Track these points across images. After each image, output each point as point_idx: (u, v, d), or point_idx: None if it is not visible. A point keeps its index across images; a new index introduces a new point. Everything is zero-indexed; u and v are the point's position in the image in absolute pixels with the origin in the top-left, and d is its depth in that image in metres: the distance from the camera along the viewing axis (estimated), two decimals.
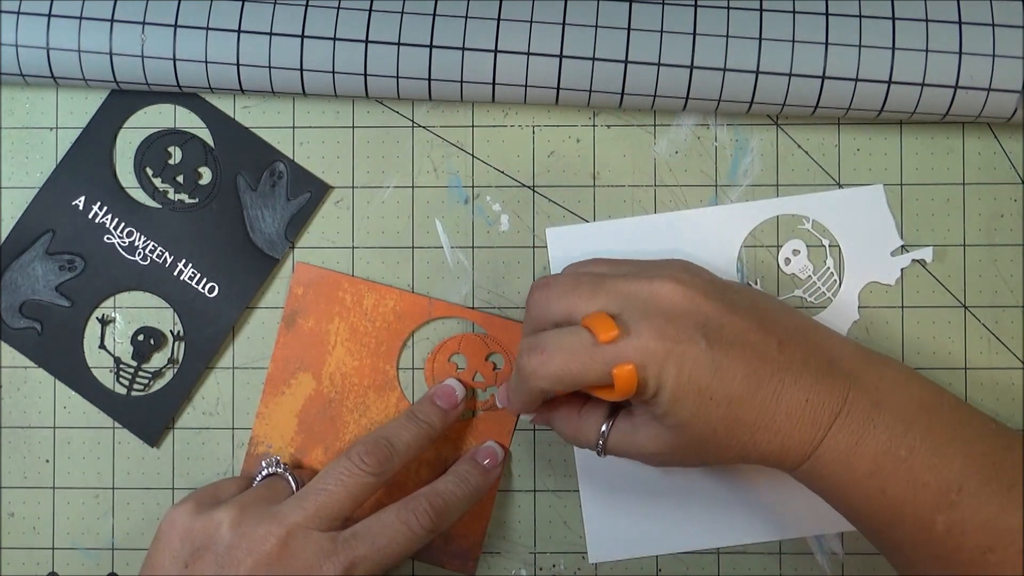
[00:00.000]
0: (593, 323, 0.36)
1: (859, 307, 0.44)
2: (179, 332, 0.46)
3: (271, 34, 0.41)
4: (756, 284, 0.45)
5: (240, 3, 0.42)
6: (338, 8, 0.41)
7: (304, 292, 0.45)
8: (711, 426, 0.36)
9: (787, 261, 0.45)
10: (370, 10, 0.41)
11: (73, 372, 0.46)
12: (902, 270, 0.44)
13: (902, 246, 0.44)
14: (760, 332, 0.37)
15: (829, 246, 0.44)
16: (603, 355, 0.35)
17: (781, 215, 0.45)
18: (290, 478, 0.42)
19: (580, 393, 0.39)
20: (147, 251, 0.45)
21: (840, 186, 0.45)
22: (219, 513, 0.39)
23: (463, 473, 0.42)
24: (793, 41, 0.40)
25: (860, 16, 0.40)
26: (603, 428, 0.39)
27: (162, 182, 0.46)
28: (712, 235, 0.44)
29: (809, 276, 0.45)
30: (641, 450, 0.39)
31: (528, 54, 0.41)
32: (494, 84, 0.42)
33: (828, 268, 0.44)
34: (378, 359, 0.45)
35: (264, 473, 0.43)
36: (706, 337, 0.36)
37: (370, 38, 0.41)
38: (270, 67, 0.42)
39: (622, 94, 0.42)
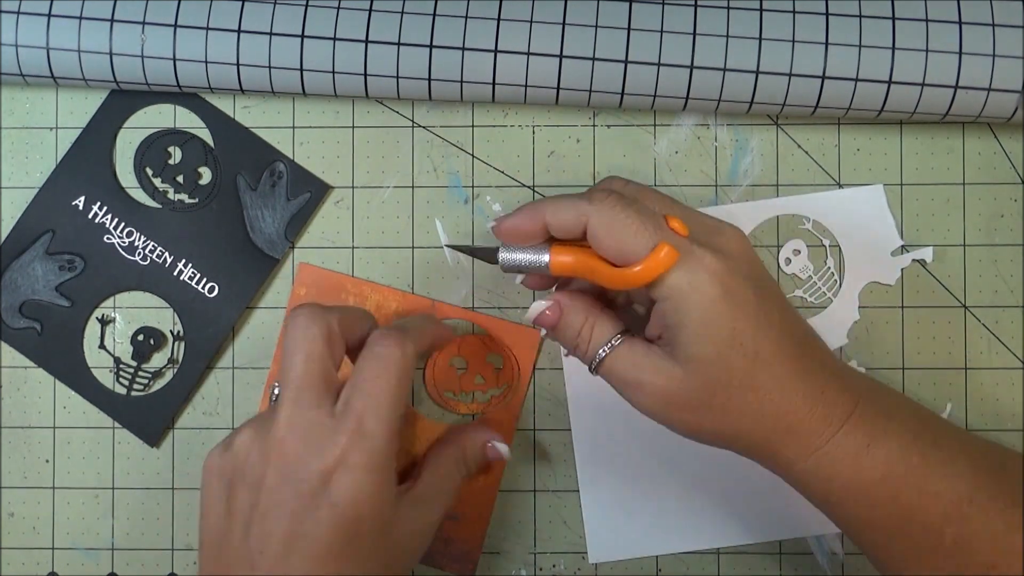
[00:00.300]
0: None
1: (859, 307, 0.44)
2: (179, 332, 0.46)
3: (271, 34, 0.41)
4: None
5: (240, 3, 0.42)
6: (338, 8, 0.41)
7: (307, 293, 0.45)
8: (727, 376, 0.35)
9: (787, 261, 0.45)
10: (370, 10, 0.41)
11: (73, 372, 0.46)
12: (902, 270, 0.44)
13: (902, 246, 0.44)
14: (792, 312, 0.38)
15: (829, 246, 0.44)
16: (659, 227, 0.35)
17: (781, 215, 0.45)
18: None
19: (599, 299, 0.39)
20: (147, 251, 0.45)
21: (840, 186, 0.45)
22: (236, 440, 0.38)
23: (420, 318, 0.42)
24: (793, 41, 0.40)
25: (860, 16, 0.40)
26: (614, 339, 0.37)
27: (162, 182, 0.46)
28: None
29: (810, 276, 0.45)
30: (640, 378, 0.37)
31: (528, 54, 0.41)
32: (494, 84, 0.42)
33: (828, 268, 0.44)
34: None
35: (276, 392, 0.41)
36: (755, 288, 0.36)
37: (370, 38, 0.41)
38: (270, 67, 0.42)
39: (622, 94, 0.42)
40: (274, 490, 0.36)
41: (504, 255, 0.38)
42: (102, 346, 0.46)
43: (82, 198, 0.46)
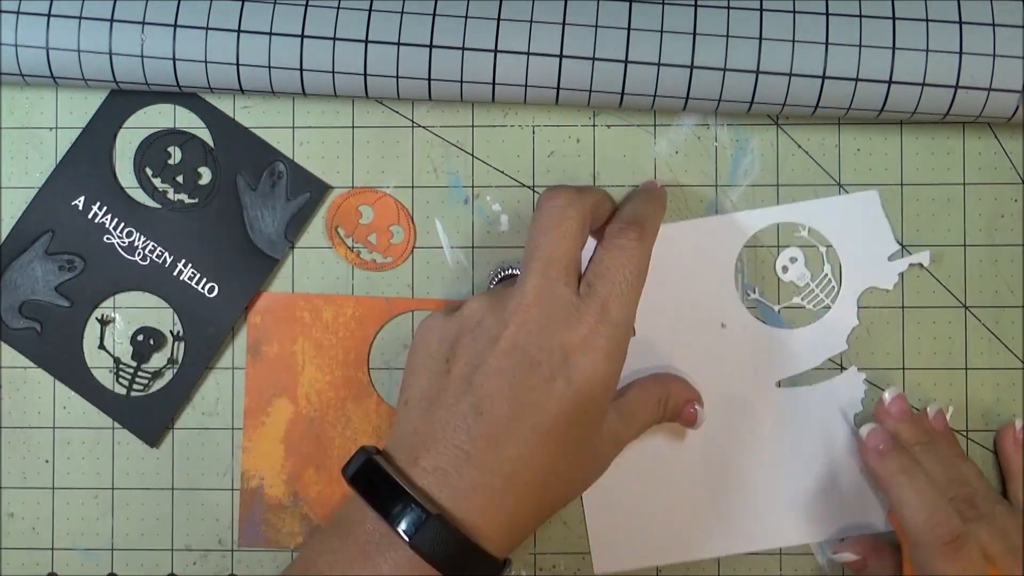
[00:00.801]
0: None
1: (858, 311, 0.44)
2: (179, 332, 0.46)
3: (271, 34, 0.41)
4: (755, 293, 0.44)
5: (240, 3, 0.42)
6: (338, 8, 0.41)
7: (262, 320, 0.45)
8: None
9: (784, 269, 0.45)
10: (370, 10, 0.41)
11: (73, 372, 0.46)
12: (900, 274, 0.44)
13: (899, 250, 0.44)
14: None
15: (826, 252, 0.44)
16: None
17: (777, 223, 0.45)
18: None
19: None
20: (147, 251, 0.45)
21: (840, 186, 0.45)
22: (468, 305, 0.38)
23: (642, 194, 0.42)
24: (793, 41, 0.40)
25: (860, 16, 0.40)
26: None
27: (162, 182, 0.46)
28: (710, 245, 0.44)
29: (807, 283, 0.44)
30: None
31: (528, 54, 0.41)
32: (494, 84, 0.42)
33: (826, 275, 0.44)
34: (349, 368, 0.45)
35: (500, 276, 0.43)
36: None
37: (370, 38, 0.41)
38: (270, 67, 0.42)
39: (622, 94, 0.42)
40: (507, 353, 0.36)
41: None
42: (102, 346, 0.46)
43: (82, 198, 0.46)
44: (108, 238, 0.45)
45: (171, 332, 0.46)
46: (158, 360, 0.46)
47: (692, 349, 0.44)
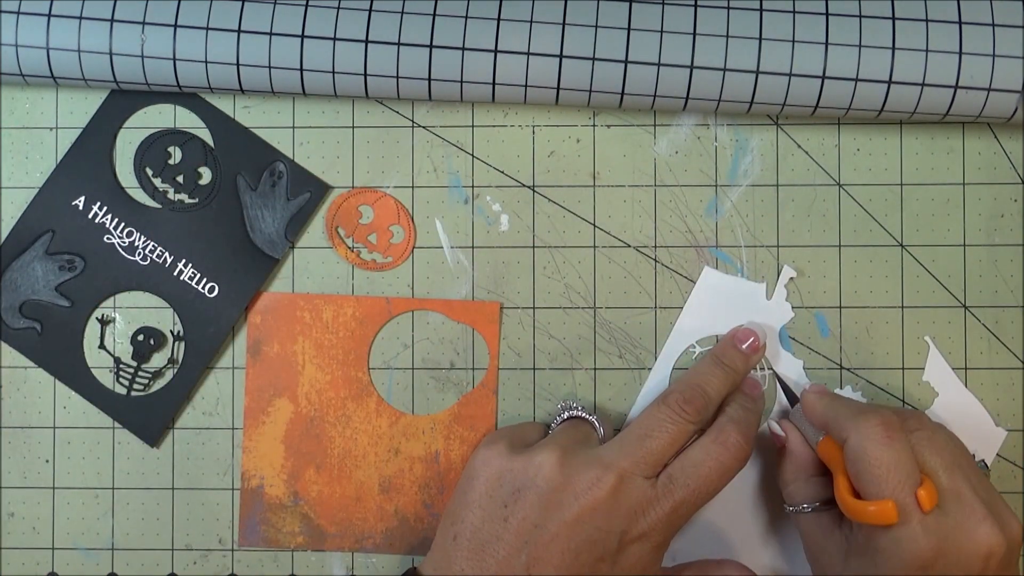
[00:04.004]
0: (928, 483, 0.37)
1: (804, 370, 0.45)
2: (179, 332, 0.46)
3: (271, 34, 0.41)
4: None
5: (240, 3, 0.42)
6: (338, 8, 0.41)
7: (263, 319, 0.45)
8: None
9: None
10: (370, 10, 0.41)
11: (73, 372, 0.46)
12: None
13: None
14: None
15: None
16: (901, 488, 0.37)
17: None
18: (595, 421, 0.42)
19: (820, 463, 0.42)
20: (147, 251, 0.45)
21: (840, 186, 0.45)
22: (540, 455, 0.38)
23: (740, 398, 0.42)
24: (793, 41, 0.40)
25: (860, 16, 0.40)
26: (814, 503, 0.41)
27: (162, 182, 0.46)
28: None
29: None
30: (812, 549, 0.41)
31: (528, 54, 0.41)
32: (494, 84, 0.42)
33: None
34: (349, 368, 0.45)
35: (565, 416, 0.43)
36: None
37: (370, 38, 0.41)
38: (270, 67, 0.42)
39: (622, 94, 0.42)
40: (571, 526, 0.37)
41: (796, 412, 0.43)
42: (102, 346, 0.46)
43: (82, 198, 0.46)
44: (108, 238, 0.45)
45: (171, 332, 0.46)
46: (158, 360, 0.46)
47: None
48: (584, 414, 0.43)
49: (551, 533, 0.37)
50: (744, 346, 0.43)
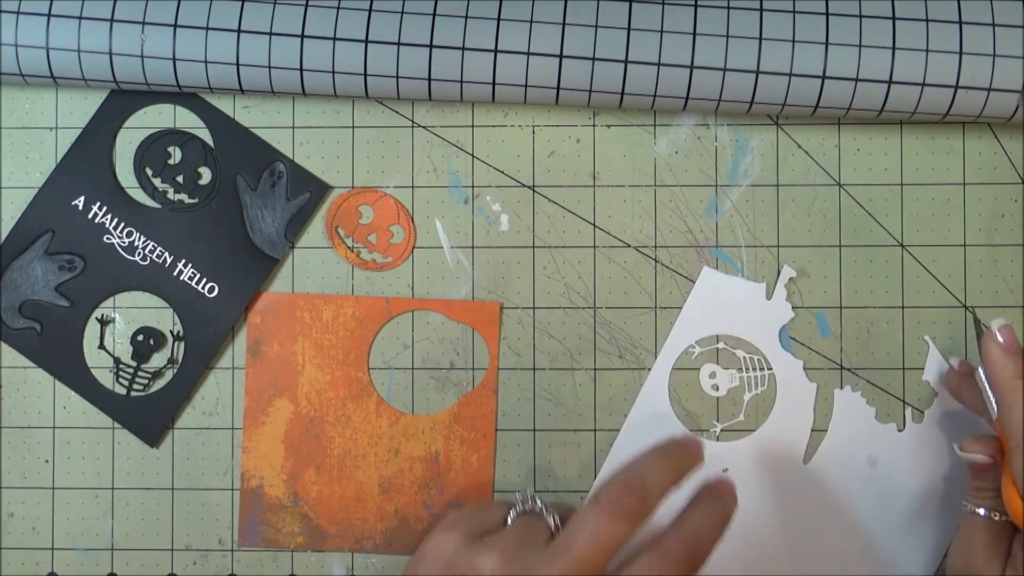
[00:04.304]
0: None
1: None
2: (179, 332, 0.46)
3: (271, 34, 0.41)
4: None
5: (240, 3, 0.42)
6: (338, 8, 0.41)
7: (263, 319, 0.45)
8: None
9: (715, 387, 0.45)
10: (370, 10, 0.41)
11: (73, 372, 0.46)
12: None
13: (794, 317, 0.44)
14: None
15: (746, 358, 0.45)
16: None
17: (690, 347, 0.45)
18: (551, 519, 0.39)
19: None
20: (147, 251, 0.45)
21: (840, 186, 0.45)
22: (480, 557, 0.37)
23: (705, 504, 0.39)
24: (793, 41, 0.40)
25: (860, 16, 0.40)
26: (996, 513, 0.40)
27: (162, 182, 0.46)
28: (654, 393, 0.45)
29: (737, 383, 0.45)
30: (985, 559, 0.39)
31: (528, 54, 0.41)
32: (494, 84, 0.42)
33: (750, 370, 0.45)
34: (349, 368, 0.45)
35: (520, 508, 0.40)
36: None
37: (370, 38, 0.41)
38: (270, 67, 0.42)
39: (622, 94, 0.42)
40: None
41: (983, 376, 0.40)
42: (102, 346, 0.46)
43: (82, 198, 0.46)
44: (108, 238, 0.45)
45: (171, 332, 0.46)
46: (158, 360, 0.46)
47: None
48: (540, 509, 0.40)
49: None
50: (690, 448, 0.40)
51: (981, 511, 0.40)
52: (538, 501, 0.40)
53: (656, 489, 0.37)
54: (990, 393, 0.39)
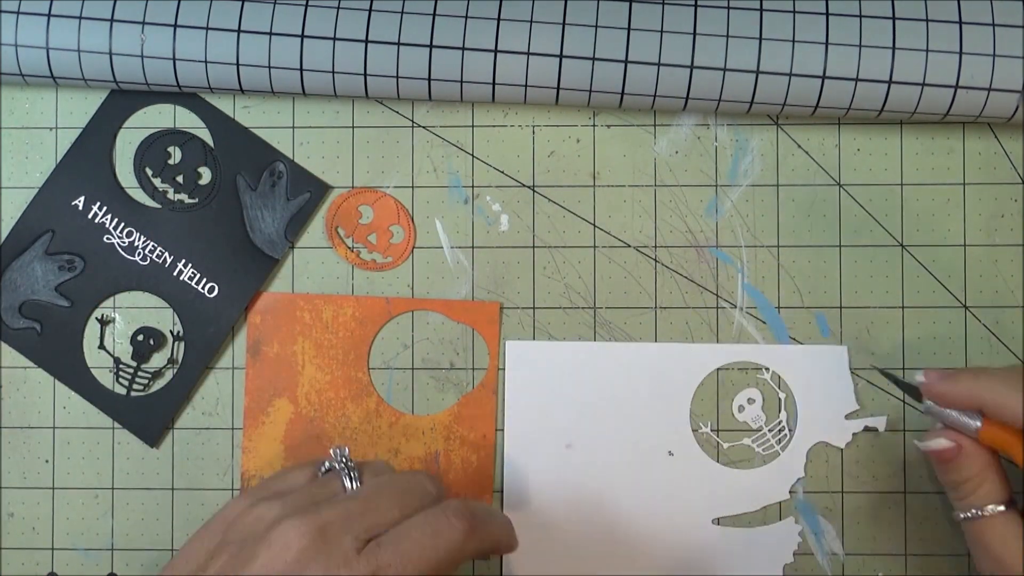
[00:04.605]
0: None
1: (805, 464, 0.44)
2: (179, 332, 0.46)
3: (271, 34, 0.41)
4: (704, 428, 0.44)
5: (240, 3, 0.42)
6: (338, 8, 0.41)
7: (262, 320, 0.45)
8: None
9: (741, 408, 0.44)
10: (370, 10, 0.41)
11: (73, 372, 0.46)
12: (854, 434, 0.44)
13: (857, 410, 0.44)
14: None
15: (784, 400, 0.44)
16: None
17: (742, 361, 0.44)
18: (346, 478, 0.38)
19: (996, 456, 0.38)
20: (147, 251, 0.45)
21: (840, 186, 0.45)
22: (262, 507, 0.36)
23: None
24: (793, 41, 0.40)
25: (860, 16, 0.40)
26: (997, 505, 0.37)
27: (162, 182, 0.46)
28: (672, 369, 0.44)
29: (761, 427, 0.44)
30: (1004, 557, 0.37)
31: (528, 54, 0.41)
32: (494, 84, 0.42)
33: (780, 422, 0.44)
34: (349, 368, 0.45)
35: (326, 467, 0.39)
36: None
37: (370, 38, 0.41)
38: (270, 67, 0.42)
39: (622, 94, 0.42)
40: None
41: (932, 405, 0.39)
42: (102, 346, 0.46)
43: (82, 198, 0.46)
44: (108, 238, 0.45)
45: (171, 332, 0.46)
46: (158, 360, 0.46)
47: (635, 471, 0.44)
48: (341, 465, 0.39)
49: None
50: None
51: (973, 512, 0.38)
52: (344, 459, 0.39)
53: (485, 527, 0.37)
54: (953, 417, 0.38)
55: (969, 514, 0.38)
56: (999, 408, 0.37)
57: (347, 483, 0.38)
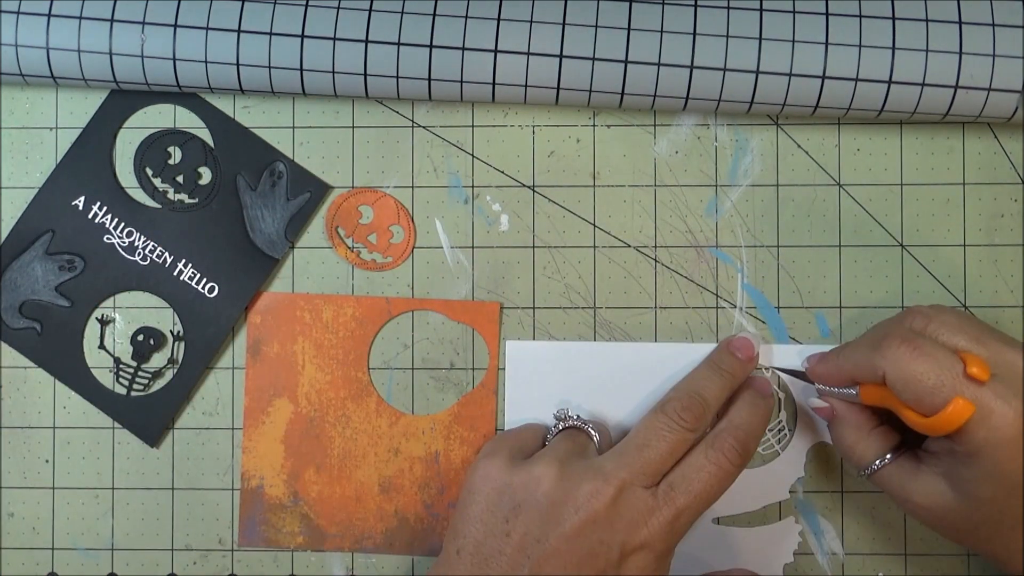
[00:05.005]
0: (970, 358, 0.36)
1: (805, 464, 0.44)
2: (179, 332, 0.46)
3: (271, 34, 0.41)
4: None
5: (240, 3, 0.42)
6: (338, 8, 0.41)
7: (263, 319, 0.45)
8: (999, 516, 0.37)
9: None
10: (370, 10, 0.41)
11: (73, 372, 0.46)
12: None
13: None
14: None
15: (784, 400, 0.44)
16: (957, 381, 0.36)
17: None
18: (591, 430, 0.42)
19: (876, 413, 0.41)
20: (147, 251, 0.45)
21: (840, 186, 0.45)
22: (538, 467, 0.39)
23: (748, 401, 0.42)
24: (793, 41, 0.40)
25: (860, 16, 0.40)
26: (886, 456, 0.40)
27: (162, 182, 0.46)
28: (670, 371, 0.44)
29: None
30: (908, 497, 0.39)
31: (528, 54, 0.41)
32: (494, 84, 0.42)
33: (780, 421, 0.44)
34: (349, 368, 0.45)
35: (562, 425, 0.42)
36: None
37: (370, 38, 0.41)
38: (270, 67, 0.42)
39: (622, 94, 0.42)
40: (571, 539, 0.37)
41: (821, 387, 0.42)
42: (102, 346, 0.46)
43: (82, 198, 0.46)
44: (108, 238, 0.46)
45: (171, 332, 0.46)
46: (158, 360, 0.46)
47: None
48: (580, 424, 0.42)
49: (552, 547, 0.37)
50: (739, 353, 0.43)
51: (868, 469, 0.40)
52: (576, 416, 0.43)
53: (714, 400, 0.41)
54: (835, 392, 0.41)
55: (865, 472, 0.41)
56: (862, 372, 0.39)
57: (594, 437, 0.42)
